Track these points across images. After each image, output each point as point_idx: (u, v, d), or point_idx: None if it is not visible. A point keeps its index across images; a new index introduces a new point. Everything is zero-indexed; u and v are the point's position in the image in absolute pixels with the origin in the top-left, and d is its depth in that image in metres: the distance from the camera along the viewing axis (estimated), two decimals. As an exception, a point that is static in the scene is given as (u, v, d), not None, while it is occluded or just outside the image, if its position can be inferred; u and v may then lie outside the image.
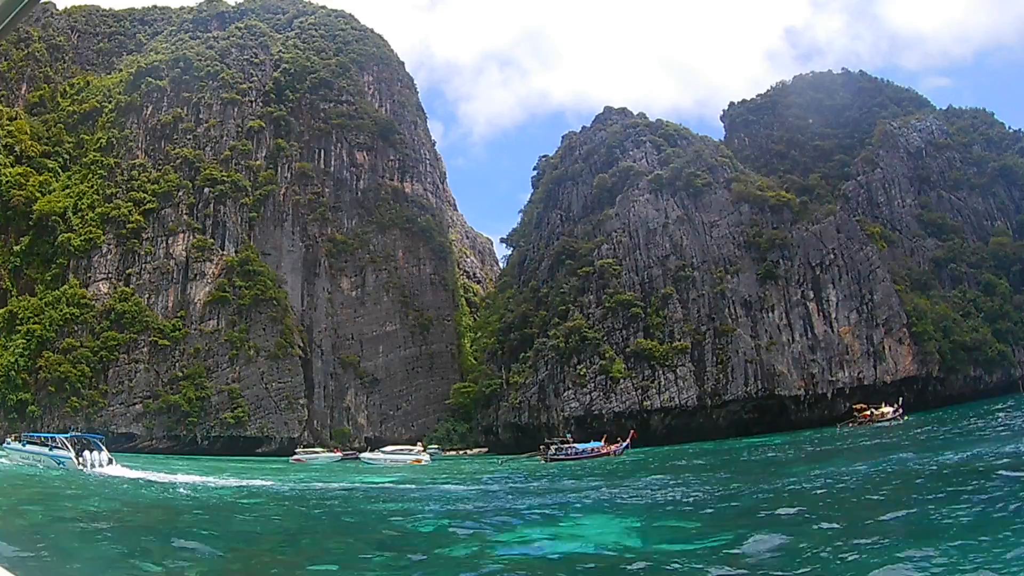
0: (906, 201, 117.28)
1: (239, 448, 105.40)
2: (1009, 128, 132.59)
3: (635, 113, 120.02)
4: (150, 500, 28.80)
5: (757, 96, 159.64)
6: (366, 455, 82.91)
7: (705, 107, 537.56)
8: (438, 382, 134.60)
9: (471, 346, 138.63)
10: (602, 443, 65.05)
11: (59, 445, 45.09)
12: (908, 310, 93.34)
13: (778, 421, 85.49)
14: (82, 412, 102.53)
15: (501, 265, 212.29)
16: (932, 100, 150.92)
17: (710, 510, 21.97)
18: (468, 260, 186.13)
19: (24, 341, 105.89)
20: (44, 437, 49.86)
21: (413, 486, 37.85)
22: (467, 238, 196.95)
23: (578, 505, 24.89)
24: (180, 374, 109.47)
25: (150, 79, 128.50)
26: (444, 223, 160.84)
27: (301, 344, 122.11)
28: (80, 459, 42.06)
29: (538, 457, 71.02)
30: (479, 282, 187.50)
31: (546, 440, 74.54)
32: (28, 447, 47.98)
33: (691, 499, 24.85)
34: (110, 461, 43.54)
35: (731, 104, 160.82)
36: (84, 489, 31.74)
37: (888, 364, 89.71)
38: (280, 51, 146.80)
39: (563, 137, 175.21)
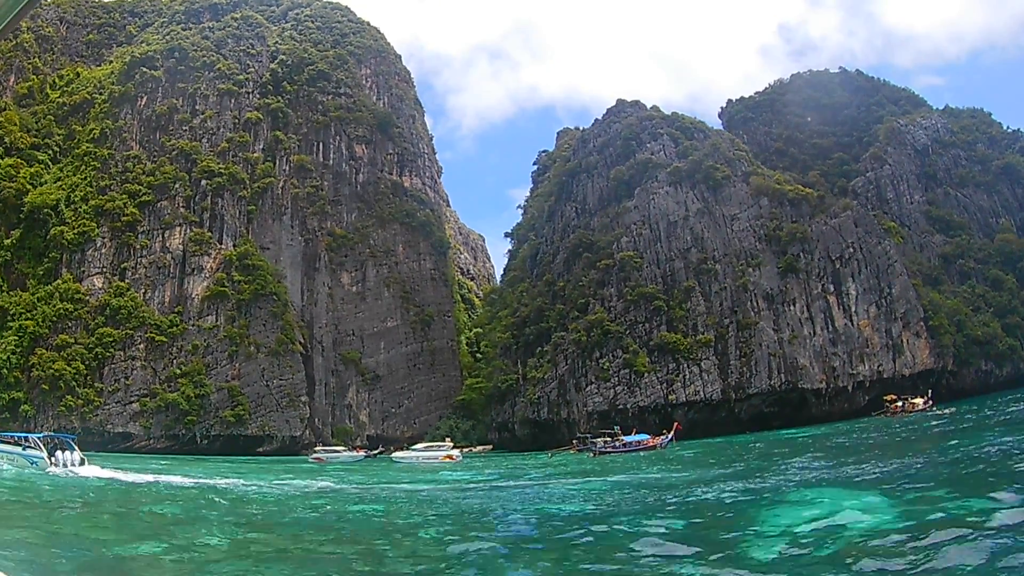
0: (914, 197, 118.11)
1: (239, 447, 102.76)
2: (1007, 128, 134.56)
3: (648, 106, 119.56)
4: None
5: (755, 94, 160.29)
6: (398, 453, 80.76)
7: (697, 102, 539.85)
8: (439, 379, 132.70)
9: (481, 343, 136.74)
10: (648, 436, 64.19)
11: (32, 445, 44.67)
12: (924, 304, 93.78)
13: (798, 415, 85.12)
14: (77, 411, 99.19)
15: (493, 262, 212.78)
16: (927, 99, 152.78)
17: (943, 476, 20.72)
18: (462, 257, 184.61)
19: (16, 338, 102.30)
20: (17, 437, 48.89)
21: (529, 482, 35.72)
22: (460, 234, 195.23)
23: (791, 485, 23.36)
24: (178, 371, 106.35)
25: (144, 69, 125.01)
26: (442, 218, 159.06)
27: (302, 340, 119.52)
28: (52, 459, 41.81)
29: (571, 451, 69.86)
30: (472, 279, 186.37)
31: (578, 434, 73.44)
32: (1, 447, 46.79)
33: (895, 472, 23.69)
34: (83, 461, 43.31)
35: (729, 101, 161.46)
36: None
37: (906, 357, 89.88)
38: (277, 42, 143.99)
39: (559, 133, 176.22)
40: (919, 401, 75.68)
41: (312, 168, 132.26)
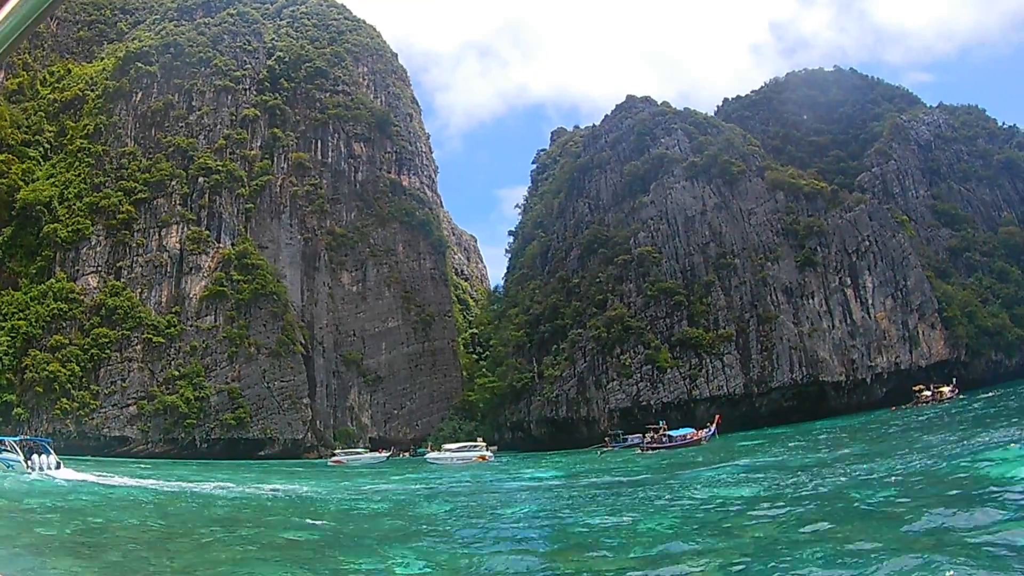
0: (919, 192, 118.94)
1: (240, 451, 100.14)
2: (1002, 124, 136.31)
3: (659, 102, 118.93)
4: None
5: (751, 92, 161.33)
6: (432, 454, 79.02)
7: (688, 100, 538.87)
8: (441, 380, 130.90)
9: (491, 342, 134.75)
10: (693, 430, 63.20)
11: (8, 448, 44.66)
12: (938, 295, 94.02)
13: (817, 409, 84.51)
14: (72, 414, 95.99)
15: (486, 262, 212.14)
16: (919, 96, 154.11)
17: None
18: (456, 257, 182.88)
19: (8, 338, 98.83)
20: None
21: (660, 475, 33.62)
22: (453, 235, 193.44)
23: (967, 452, 22.14)
24: (176, 373, 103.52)
25: (139, 64, 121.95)
26: (440, 217, 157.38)
27: (302, 341, 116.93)
28: (29, 462, 41.84)
29: (605, 448, 68.64)
30: (466, 279, 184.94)
31: (609, 432, 72.25)
32: None
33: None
34: (58, 465, 43.24)
35: (725, 100, 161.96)
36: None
37: (922, 349, 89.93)
38: (273, 39, 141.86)
39: (553, 133, 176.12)
40: (946, 390, 75.47)
41: (311, 166, 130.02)
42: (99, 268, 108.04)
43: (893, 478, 20.54)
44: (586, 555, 14.14)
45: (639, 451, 59.68)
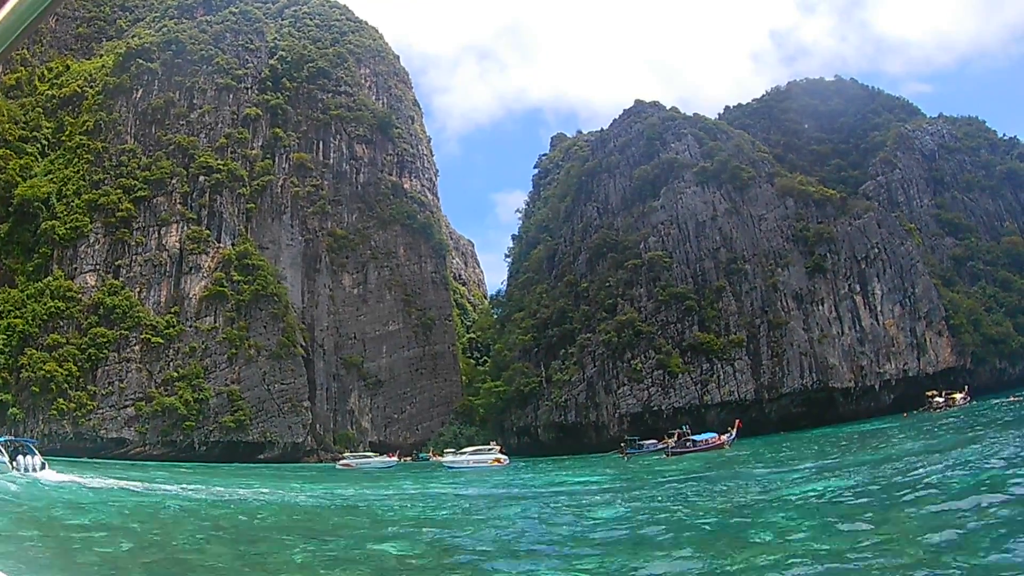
0: (924, 201, 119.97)
1: (239, 454, 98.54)
2: (1003, 135, 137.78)
3: (667, 107, 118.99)
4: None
5: (753, 100, 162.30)
6: (447, 458, 77.86)
7: (688, 106, 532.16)
8: (441, 384, 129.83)
9: (495, 346, 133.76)
10: (715, 434, 62.65)
11: None
12: (944, 303, 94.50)
13: (825, 415, 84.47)
14: (69, 415, 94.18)
15: (483, 267, 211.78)
16: (920, 107, 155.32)
17: None
18: (454, 262, 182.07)
19: (4, 337, 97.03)
20: None
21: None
22: (451, 239, 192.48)
23: None
24: (175, 374, 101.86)
25: (140, 61, 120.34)
26: (441, 221, 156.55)
27: (303, 343, 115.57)
28: (14, 463, 41.73)
29: (621, 455, 67.89)
30: (464, 284, 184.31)
31: (626, 438, 71.53)
32: None
33: None
34: (43, 465, 43.05)
35: (727, 107, 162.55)
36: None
37: (930, 356, 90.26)
38: (275, 38, 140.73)
39: (553, 138, 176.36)
40: (958, 396, 75.76)
41: (312, 167, 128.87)
42: (97, 266, 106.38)
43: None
44: (750, 550, 13.36)
45: (665, 456, 58.94)
